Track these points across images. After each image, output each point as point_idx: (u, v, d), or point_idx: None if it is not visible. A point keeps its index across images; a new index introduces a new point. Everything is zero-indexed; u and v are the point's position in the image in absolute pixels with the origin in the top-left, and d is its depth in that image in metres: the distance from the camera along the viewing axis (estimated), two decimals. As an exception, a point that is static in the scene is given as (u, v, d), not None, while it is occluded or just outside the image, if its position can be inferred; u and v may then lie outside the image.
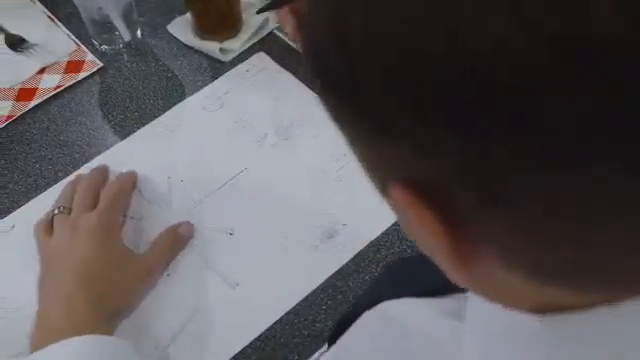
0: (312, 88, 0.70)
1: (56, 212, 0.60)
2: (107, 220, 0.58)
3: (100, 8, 0.71)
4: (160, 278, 0.59)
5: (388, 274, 0.50)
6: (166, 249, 0.60)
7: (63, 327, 0.51)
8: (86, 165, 0.67)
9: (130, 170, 0.65)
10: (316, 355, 0.56)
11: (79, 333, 0.50)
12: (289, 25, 0.66)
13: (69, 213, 0.59)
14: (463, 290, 0.33)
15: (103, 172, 0.64)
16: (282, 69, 0.73)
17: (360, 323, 0.37)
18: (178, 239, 0.60)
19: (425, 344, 0.32)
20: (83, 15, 0.73)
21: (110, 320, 0.55)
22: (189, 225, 0.61)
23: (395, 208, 0.25)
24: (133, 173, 0.64)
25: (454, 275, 0.25)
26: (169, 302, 0.58)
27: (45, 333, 0.52)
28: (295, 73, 0.72)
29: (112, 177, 0.65)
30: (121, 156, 0.67)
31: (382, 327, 0.36)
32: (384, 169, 0.25)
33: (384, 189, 0.25)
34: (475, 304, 0.29)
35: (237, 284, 0.59)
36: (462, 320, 0.31)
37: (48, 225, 0.60)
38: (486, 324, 0.28)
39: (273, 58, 0.74)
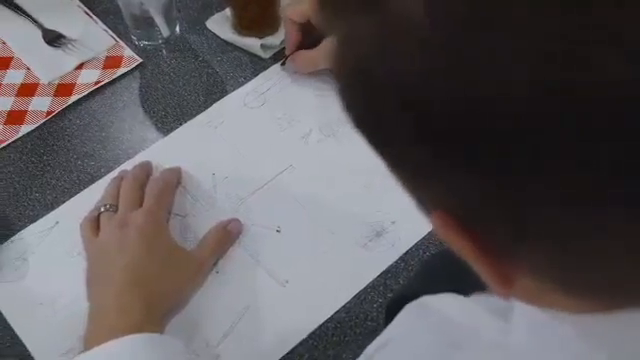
0: None
1: (102, 210, 0.60)
2: (155, 217, 0.59)
3: (141, 3, 0.71)
4: (209, 275, 0.60)
5: (426, 269, 0.51)
6: (216, 245, 0.60)
7: (116, 325, 0.51)
8: (129, 161, 0.68)
9: (174, 166, 0.65)
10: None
11: (133, 331, 0.50)
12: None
13: (115, 211, 0.60)
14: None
15: (146, 168, 0.65)
16: (323, 66, 0.74)
17: (402, 315, 0.38)
18: (227, 235, 0.61)
19: (471, 337, 0.33)
20: (123, 10, 0.74)
21: (162, 317, 0.55)
22: (238, 222, 0.62)
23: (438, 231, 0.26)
24: (177, 169, 0.65)
25: (497, 290, 0.26)
26: (219, 300, 0.59)
27: (98, 331, 0.52)
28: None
29: (155, 173, 0.66)
30: (164, 153, 0.68)
31: (424, 319, 0.37)
32: (423, 200, 0.27)
33: (426, 214, 0.27)
34: (522, 306, 0.30)
35: (286, 282, 0.60)
36: (504, 316, 0.32)
37: (95, 223, 0.60)
38: (532, 325, 0.29)
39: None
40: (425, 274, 0.45)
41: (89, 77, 0.74)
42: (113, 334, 0.50)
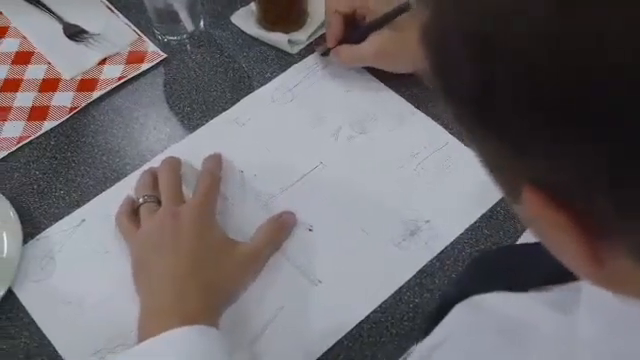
0: (383, 81, 0.71)
1: (141, 201, 0.60)
2: (207, 210, 0.59)
3: (166, -3, 0.71)
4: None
5: (475, 267, 0.51)
6: (270, 236, 0.59)
7: (171, 314, 0.51)
8: (155, 158, 0.67)
9: (215, 153, 0.64)
10: (405, 355, 0.56)
11: (191, 322, 0.49)
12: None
13: (156, 202, 0.60)
14: (563, 280, 0.34)
15: (178, 161, 0.64)
16: (352, 61, 0.74)
17: (454, 316, 0.38)
18: (281, 227, 0.60)
19: (530, 333, 0.33)
20: (147, 4, 0.73)
21: (217, 309, 0.54)
22: (291, 214, 0.61)
23: (525, 212, 0.26)
24: (218, 156, 0.64)
25: (584, 272, 0.25)
26: (252, 300, 0.58)
27: (155, 322, 0.51)
28: (365, 66, 0.72)
29: (184, 168, 0.65)
30: (190, 149, 0.67)
31: (479, 317, 0.36)
32: (515, 176, 0.25)
33: (513, 193, 0.26)
34: (592, 296, 0.30)
35: (319, 281, 0.59)
36: (567, 312, 0.31)
37: (133, 214, 0.60)
38: (605, 315, 0.29)
39: (341, 50, 0.74)
40: (475, 273, 0.44)
41: (112, 72, 0.73)
42: (168, 323, 0.49)
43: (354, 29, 0.69)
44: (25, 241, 0.61)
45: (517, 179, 0.25)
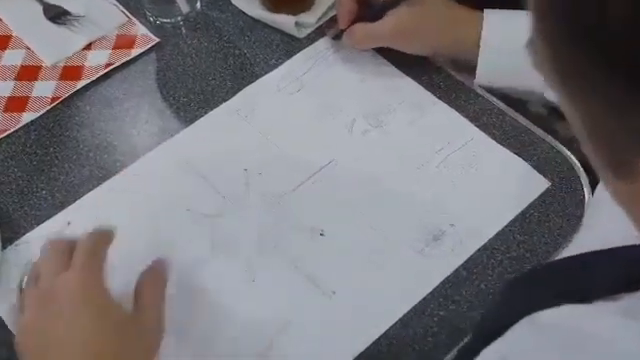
0: (401, 68, 0.70)
1: (24, 287, 0.55)
2: (89, 274, 0.50)
3: (159, -26, 0.70)
4: (244, 286, 0.58)
5: (524, 285, 0.50)
6: (153, 299, 0.53)
7: None
8: (148, 154, 0.66)
9: (106, 225, 0.55)
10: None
11: None
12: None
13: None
14: (633, 288, 0.34)
15: (72, 241, 0.54)
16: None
17: (516, 334, 0.37)
18: (157, 280, 0.54)
19: (606, 349, 0.33)
20: (138, -18, 0.73)
21: None
22: (157, 261, 0.55)
23: (630, 193, 0.25)
24: (110, 228, 0.55)
25: None
26: (256, 314, 0.57)
27: None
28: (381, 51, 0.71)
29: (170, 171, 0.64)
30: (187, 145, 0.67)
31: (544, 335, 0.36)
32: (631, 146, 0.25)
33: (621, 168, 0.25)
34: None
35: (333, 292, 0.58)
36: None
37: (20, 304, 0.52)
38: None
39: (354, 34, 0.74)
40: (525, 290, 0.44)
41: (99, 59, 0.72)
42: None
43: (368, 7, 0.68)
44: (3, 247, 0.60)
45: (633, 150, 0.24)
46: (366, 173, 0.65)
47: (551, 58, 0.29)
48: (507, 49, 0.60)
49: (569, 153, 0.65)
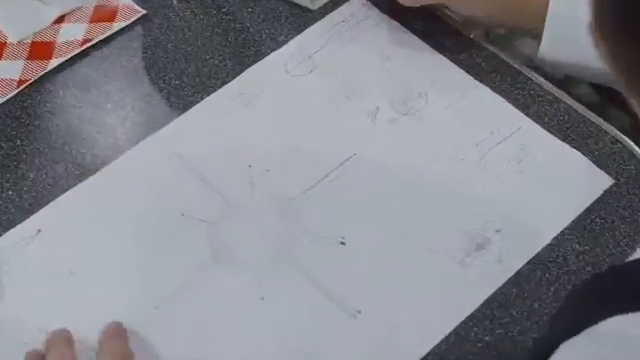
0: (435, 46, 0.69)
1: None
2: None
3: None
4: (252, 304, 0.57)
5: (580, 296, 0.50)
6: None
7: None
8: (133, 148, 0.65)
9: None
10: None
11: None
12: None
13: None
14: None
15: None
16: (391, 19, 0.72)
17: (574, 350, 0.38)
18: (117, 343, 0.56)
19: None
20: (120, -57, 0.71)
21: None
22: (115, 325, 0.56)
23: None
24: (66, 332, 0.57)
25: None
26: (266, 339, 0.56)
27: None
28: (409, 23, 0.70)
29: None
30: (181, 136, 0.66)
31: (602, 351, 0.37)
32: None
33: None
34: None
35: (358, 312, 0.57)
36: None
37: None
38: None
39: (376, 3, 0.72)
40: (592, 296, 0.44)
41: (74, 34, 0.72)
42: None
43: None
44: (-37, 257, 0.60)
45: None
46: (393, 170, 0.64)
47: (609, 54, 0.30)
48: (577, 18, 0.59)
49: (636, 147, 0.63)
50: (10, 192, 0.63)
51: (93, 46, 0.71)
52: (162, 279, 0.59)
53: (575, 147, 0.64)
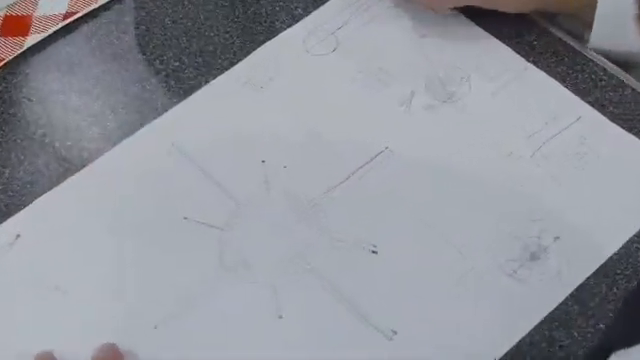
0: (479, 22, 0.70)
1: None
2: None
3: None
4: (268, 322, 0.57)
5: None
6: None
7: None
8: (126, 140, 0.65)
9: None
10: None
11: None
12: None
13: None
14: None
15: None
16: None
17: None
18: None
19: None
20: None
21: None
22: (108, 347, 0.57)
23: None
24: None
25: None
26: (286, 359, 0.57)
27: None
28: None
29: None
30: (182, 126, 0.66)
31: None
32: None
33: None
34: None
35: (394, 333, 0.57)
36: None
37: None
38: None
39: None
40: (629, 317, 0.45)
41: (54, 6, 0.72)
42: None
43: None
44: None
45: None
46: (432, 166, 0.64)
47: None
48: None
49: None
50: (-17, 191, 0.63)
51: (77, 21, 0.72)
52: (162, 294, 0.59)
53: (645, 140, 0.64)
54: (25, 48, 0.70)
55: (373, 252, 0.60)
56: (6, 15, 0.71)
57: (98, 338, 0.56)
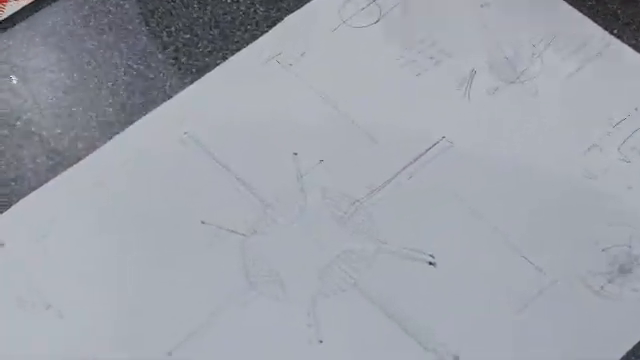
0: None
1: None
2: None
3: None
4: (300, 347, 0.58)
5: None
6: None
7: None
8: (129, 128, 0.65)
9: None
10: None
11: None
12: None
13: None
14: None
15: None
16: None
17: None
18: None
19: None
20: None
21: None
22: None
23: None
24: None
25: None
26: None
27: None
28: None
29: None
30: (196, 111, 0.67)
31: None
32: None
33: None
34: None
35: (456, 358, 0.57)
36: None
37: None
38: None
39: None
40: None
41: None
42: None
43: None
44: None
45: None
46: (499, 160, 0.64)
47: None
48: None
49: None
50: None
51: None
52: (176, 315, 0.58)
53: None
54: (4, 17, 0.70)
55: (430, 263, 0.60)
56: (-23, -22, 0.72)
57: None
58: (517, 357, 0.57)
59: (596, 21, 0.68)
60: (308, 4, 0.71)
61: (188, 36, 0.70)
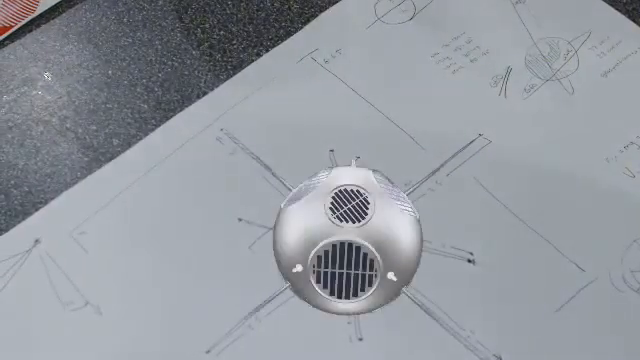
0: None
1: None
2: None
3: None
4: (342, 346, 0.57)
5: None
6: None
7: None
8: (166, 126, 0.64)
9: None
10: None
11: None
12: None
13: None
14: None
15: None
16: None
17: None
18: None
19: None
20: None
21: None
22: None
23: None
24: None
25: None
26: None
27: None
28: None
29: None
30: (232, 107, 0.66)
31: None
32: None
33: None
34: None
35: (498, 358, 0.56)
36: None
37: None
38: None
39: None
40: None
41: None
42: None
43: None
44: None
45: None
46: (537, 158, 0.63)
47: None
48: None
49: None
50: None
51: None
52: (214, 312, 0.58)
53: None
54: (38, 13, 0.69)
55: (469, 261, 0.60)
56: (11, -26, 0.71)
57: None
58: (557, 355, 0.57)
59: (632, 18, 0.68)
60: (342, 0, 0.70)
61: (222, 33, 0.69)
